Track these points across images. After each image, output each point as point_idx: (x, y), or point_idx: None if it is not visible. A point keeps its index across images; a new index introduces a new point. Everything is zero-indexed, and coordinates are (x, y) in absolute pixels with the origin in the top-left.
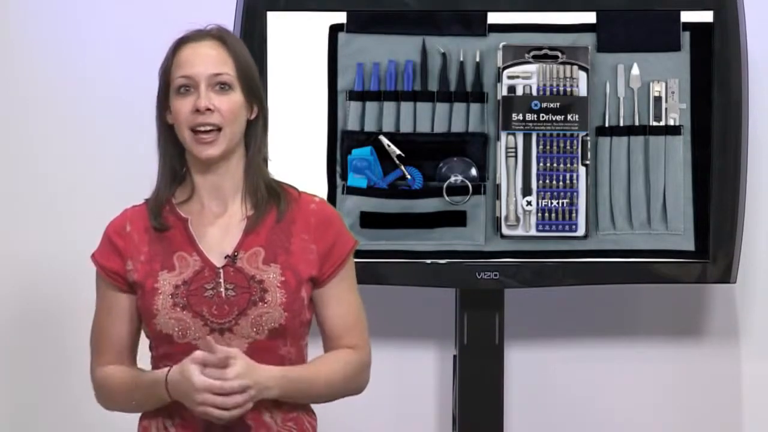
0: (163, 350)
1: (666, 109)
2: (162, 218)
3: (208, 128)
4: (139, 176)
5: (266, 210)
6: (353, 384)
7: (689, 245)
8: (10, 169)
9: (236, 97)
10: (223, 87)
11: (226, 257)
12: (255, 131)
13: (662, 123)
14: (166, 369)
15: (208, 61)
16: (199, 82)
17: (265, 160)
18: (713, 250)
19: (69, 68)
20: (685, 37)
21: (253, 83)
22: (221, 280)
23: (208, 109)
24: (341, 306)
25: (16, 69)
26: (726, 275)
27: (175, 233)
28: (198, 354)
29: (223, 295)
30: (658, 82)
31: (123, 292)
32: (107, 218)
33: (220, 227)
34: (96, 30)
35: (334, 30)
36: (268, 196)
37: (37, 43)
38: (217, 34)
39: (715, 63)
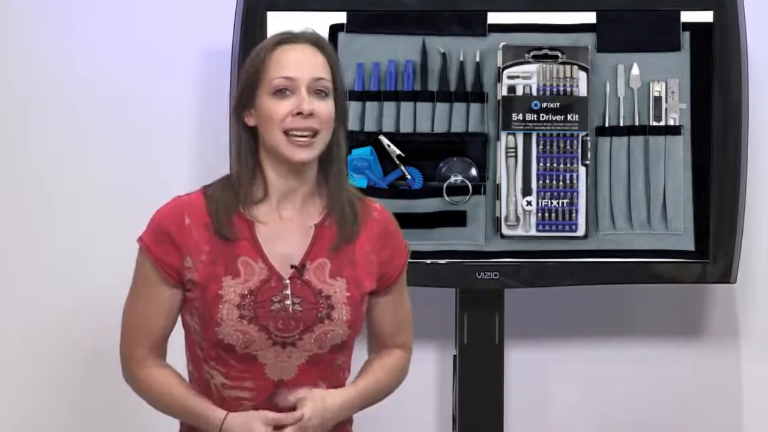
0: (217, 353)
1: (666, 109)
2: (230, 225)
3: (306, 133)
4: (139, 176)
5: (348, 225)
6: (399, 384)
7: (689, 245)
8: (10, 169)
9: (332, 104)
10: (321, 93)
11: (292, 267)
12: (337, 141)
13: (662, 123)
14: (222, 413)
15: (310, 64)
16: (300, 85)
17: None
18: (713, 250)
19: (68, 68)
20: (685, 37)
21: (343, 94)
22: (288, 293)
23: (310, 114)
24: (393, 310)
25: (16, 69)
26: (726, 275)
27: (240, 237)
28: (269, 416)
29: (290, 309)
30: (658, 82)
31: (172, 286)
32: (106, 218)
33: (287, 233)
34: (96, 30)
35: (334, 30)
36: (351, 210)
37: (36, 43)
38: (315, 40)
39: (715, 63)
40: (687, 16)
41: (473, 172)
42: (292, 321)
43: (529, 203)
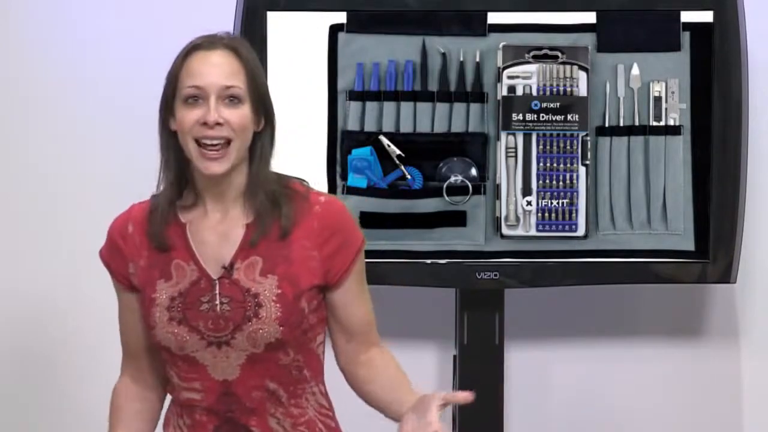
0: (164, 357)
1: (666, 109)
2: (162, 232)
3: (216, 142)
4: (139, 177)
5: (268, 220)
6: None
7: (689, 245)
8: (9, 169)
9: (245, 110)
10: (233, 100)
11: (222, 267)
12: (260, 143)
13: (662, 123)
14: None
15: (219, 72)
16: (209, 94)
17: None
18: (713, 250)
19: (69, 68)
20: (685, 37)
21: (263, 95)
22: (217, 293)
23: (218, 123)
24: (360, 301)
25: (16, 69)
26: (726, 275)
27: (175, 239)
28: None
29: (218, 309)
30: (658, 82)
31: (130, 292)
32: (106, 218)
33: (219, 234)
34: (96, 30)
35: (334, 30)
36: (272, 207)
37: (37, 44)
38: (230, 44)
39: (715, 63)
40: (687, 16)
41: (473, 172)
42: (221, 320)
43: (529, 203)
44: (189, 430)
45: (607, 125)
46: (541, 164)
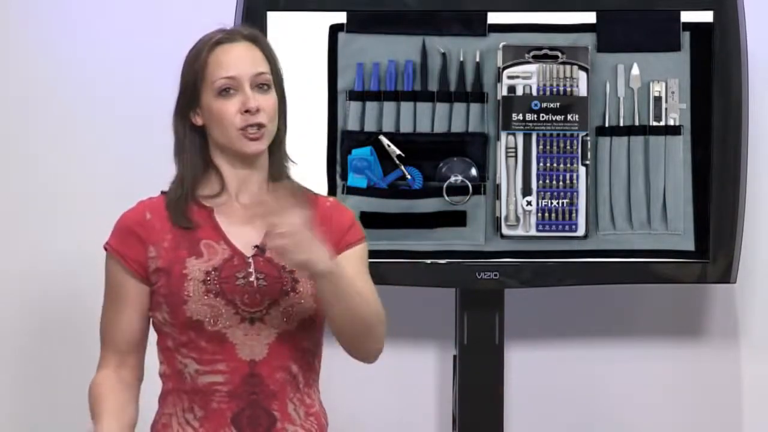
0: (188, 338)
1: (666, 109)
2: (186, 215)
3: (256, 128)
4: (139, 177)
5: (290, 206)
6: (378, 325)
7: (689, 245)
8: (9, 169)
9: (274, 96)
10: (263, 87)
11: (255, 247)
12: (279, 128)
13: (662, 123)
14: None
15: (248, 61)
16: (243, 83)
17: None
18: (713, 250)
19: (69, 68)
20: (685, 37)
21: (282, 83)
22: (252, 270)
23: (257, 110)
24: (364, 276)
25: (16, 69)
26: (726, 275)
27: (200, 223)
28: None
29: (255, 284)
30: (658, 82)
31: (138, 282)
32: (107, 217)
33: (246, 219)
34: (97, 30)
35: (334, 30)
36: (292, 195)
37: (36, 44)
38: (250, 36)
39: (715, 63)
40: (687, 16)
41: (473, 172)
42: (258, 295)
43: (529, 203)
44: (202, 422)
45: (607, 125)
46: (541, 164)
